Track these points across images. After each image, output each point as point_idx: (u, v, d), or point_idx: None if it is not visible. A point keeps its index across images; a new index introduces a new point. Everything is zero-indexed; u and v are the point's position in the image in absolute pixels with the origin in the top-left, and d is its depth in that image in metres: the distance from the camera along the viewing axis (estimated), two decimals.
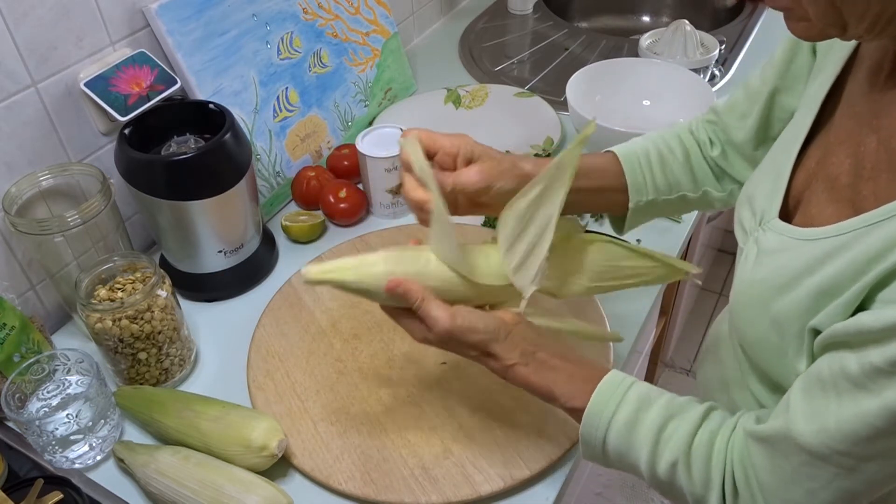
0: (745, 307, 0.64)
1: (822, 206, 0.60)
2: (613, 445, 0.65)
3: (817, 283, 0.55)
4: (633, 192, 0.80)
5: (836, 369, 0.52)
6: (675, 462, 0.61)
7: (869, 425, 0.49)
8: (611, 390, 0.65)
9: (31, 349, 0.84)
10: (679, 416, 0.63)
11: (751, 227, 0.67)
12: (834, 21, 0.52)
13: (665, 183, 0.82)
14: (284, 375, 0.87)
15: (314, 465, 0.78)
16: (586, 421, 0.66)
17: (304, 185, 1.11)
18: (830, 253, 0.55)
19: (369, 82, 1.26)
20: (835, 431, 0.51)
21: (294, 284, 0.99)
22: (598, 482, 1.74)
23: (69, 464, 0.79)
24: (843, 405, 0.51)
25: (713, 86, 1.35)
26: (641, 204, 0.81)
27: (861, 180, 0.57)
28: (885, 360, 0.48)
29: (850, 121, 0.61)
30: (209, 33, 1.00)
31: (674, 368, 2.10)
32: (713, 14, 1.70)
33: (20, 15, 0.82)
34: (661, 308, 1.58)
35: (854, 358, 0.50)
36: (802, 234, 0.59)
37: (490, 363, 0.69)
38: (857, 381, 0.50)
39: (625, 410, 0.64)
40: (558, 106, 1.28)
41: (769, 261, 0.62)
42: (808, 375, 0.55)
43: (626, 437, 0.64)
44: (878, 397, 0.49)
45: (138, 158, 0.87)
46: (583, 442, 0.67)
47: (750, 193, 0.69)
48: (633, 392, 0.65)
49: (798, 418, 0.54)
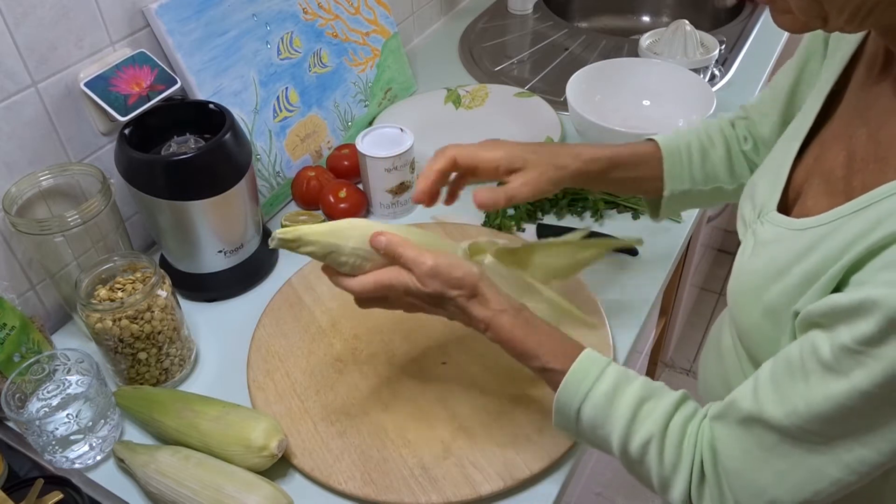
0: (741, 296, 0.65)
1: (817, 199, 0.61)
2: (588, 416, 0.65)
3: (804, 270, 0.56)
4: (669, 180, 0.82)
5: (807, 351, 0.52)
6: (649, 441, 0.61)
7: (839, 406, 0.50)
8: (591, 362, 0.66)
9: (31, 349, 0.84)
10: (656, 398, 0.63)
11: (750, 220, 0.68)
12: (816, 13, 0.53)
13: (703, 174, 0.84)
14: (284, 375, 0.87)
15: (314, 465, 0.78)
16: (565, 387, 0.65)
17: (304, 185, 1.11)
18: (816, 241, 0.56)
19: (369, 82, 1.26)
20: (805, 412, 0.52)
21: (294, 284, 0.99)
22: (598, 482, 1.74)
23: (69, 464, 0.79)
24: (812, 387, 0.51)
25: (713, 86, 1.35)
26: (676, 193, 0.83)
27: (853, 172, 0.58)
28: (853, 338, 0.48)
29: (847, 114, 0.62)
30: (209, 33, 1.00)
31: (674, 368, 2.10)
32: (713, 14, 1.70)
33: (20, 15, 0.82)
34: (661, 308, 1.58)
35: (825, 338, 0.51)
36: (795, 225, 0.60)
37: (475, 308, 0.68)
38: (827, 363, 0.50)
39: (605, 383, 0.64)
40: (558, 106, 1.28)
41: (764, 251, 0.63)
42: (777, 359, 0.56)
43: (602, 410, 0.64)
44: (847, 379, 0.49)
45: (138, 158, 0.87)
46: (556, 409, 0.67)
47: (752, 188, 0.71)
48: (612, 368, 0.65)
49: (767, 401, 0.54)
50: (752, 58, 1.45)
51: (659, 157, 0.82)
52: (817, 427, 0.51)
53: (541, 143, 0.81)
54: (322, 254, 0.69)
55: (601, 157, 0.80)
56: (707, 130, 0.86)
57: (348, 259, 0.70)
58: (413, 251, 0.68)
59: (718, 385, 0.75)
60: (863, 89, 0.61)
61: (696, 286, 2.08)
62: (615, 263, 1.01)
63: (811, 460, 0.53)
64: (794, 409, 0.52)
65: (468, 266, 0.68)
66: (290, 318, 0.94)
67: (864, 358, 0.48)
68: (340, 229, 0.70)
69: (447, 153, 0.75)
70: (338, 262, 0.70)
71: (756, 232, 0.65)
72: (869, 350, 0.48)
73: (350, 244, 0.69)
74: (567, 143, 0.85)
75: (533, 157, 0.75)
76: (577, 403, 0.65)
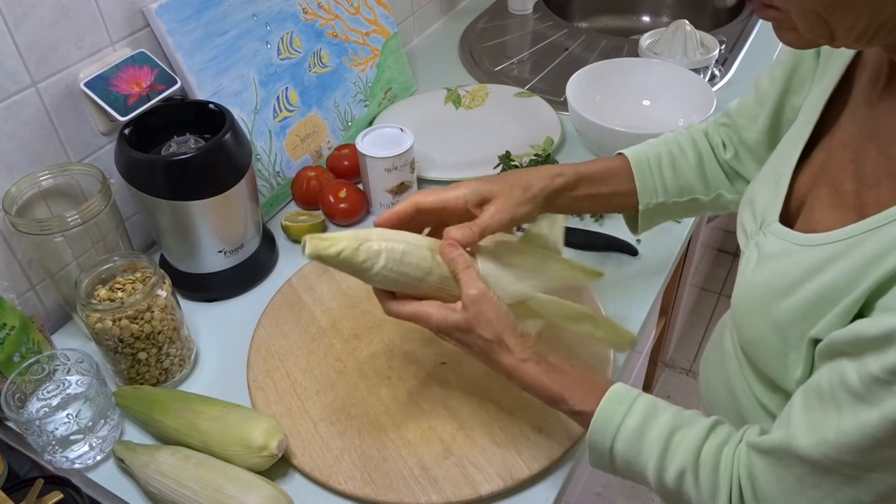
0: (746, 310, 0.64)
1: (826, 212, 0.60)
2: (621, 452, 0.65)
3: (816, 289, 0.55)
4: (643, 194, 0.81)
5: (836, 380, 0.52)
6: (684, 471, 0.61)
7: (870, 436, 0.49)
8: (619, 398, 0.66)
9: (31, 349, 0.84)
10: (686, 427, 0.63)
11: (752, 231, 0.67)
12: (822, 32, 0.52)
13: (676, 186, 0.82)
14: (284, 375, 0.87)
15: (314, 465, 0.78)
16: (595, 426, 0.66)
17: (304, 185, 1.11)
18: (830, 259, 0.55)
19: (369, 82, 1.26)
20: (835, 443, 0.51)
21: (294, 284, 0.99)
22: (598, 482, 1.74)
23: (69, 464, 0.79)
24: (843, 417, 0.51)
25: (713, 86, 1.35)
26: (651, 206, 0.82)
27: (864, 187, 0.57)
28: (882, 368, 0.48)
29: (853, 125, 0.61)
30: (209, 33, 1.00)
31: (674, 368, 2.10)
32: (713, 14, 1.70)
33: (20, 15, 0.82)
34: (661, 308, 1.58)
35: (853, 367, 0.50)
36: (803, 240, 0.59)
37: (502, 355, 0.69)
38: (856, 393, 0.50)
39: (633, 418, 0.64)
40: (558, 106, 1.28)
41: (770, 265, 0.62)
42: (808, 387, 0.55)
43: (634, 444, 0.64)
44: (877, 408, 0.48)
45: (138, 158, 0.87)
46: (590, 448, 0.67)
47: (752, 197, 0.70)
48: (641, 401, 0.65)
49: (798, 431, 0.54)
50: (752, 58, 1.45)
51: (628, 170, 0.81)
52: (849, 458, 0.51)
53: (504, 172, 0.81)
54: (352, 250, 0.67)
55: (565, 172, 0.78)
56: (677, 140, 0.84)
57: (380, 246, 0.68)
58: (471, 274, 0.69)
59: (720, 388, 0.75)
60: (868, 102, 0.60)
61: (696, 286, 2.08)
62: (615, 263, 1.01)
63: (845, 490, 0.52)
64: (825, 440, 0.52)
65: (505, 313, 0.69)
66: (290, 318, 0.94)
67: (894, 387, 0.47)
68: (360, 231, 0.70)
69: (411, 199, 0.75)
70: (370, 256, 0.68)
71: (759, 244, 0.64)
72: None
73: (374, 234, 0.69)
74: (532, 167, 0.85)
75: (497, 185, 0.75)
76: (608, 442, 0.65)
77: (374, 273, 0.68)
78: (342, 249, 0.67)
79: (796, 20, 0.53)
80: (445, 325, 0.69)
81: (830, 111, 0.65)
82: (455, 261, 0.69)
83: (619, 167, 0.82)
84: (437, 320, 0.69)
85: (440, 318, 0.69)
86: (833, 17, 0.50)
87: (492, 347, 0.69)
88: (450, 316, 0.69)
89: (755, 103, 0.79)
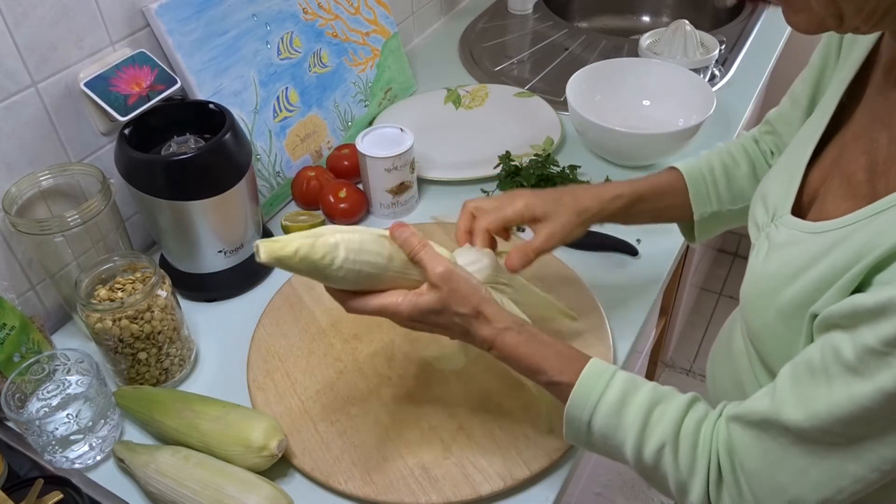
0: (754, 299, 0.64)
1: (837, 202, 0.60)
2: (599, 426, 0.64)
3: (820, 272, 0.55)
4: (697, 204, 0.83)
5: (829, 352, 0.52)
6: (663, 446, 0.61)
7: (863, 408, 0.49)
8: (598, 373, 0.66)
9: (31, 349, 0.84)
10: (665, 402, 0.63)
11: (763, 223, 0.67)
12: (832, 11, 0.53)
13: (729, 194, 0.84)
14: (284, 375, 0.87)
15: (314, 465, 0.78)
16: (573, 400, 0.65)
17: (304, 185, 1.11)
18: (835, 243, 0.55)
19: (369, 82, 1.26)
20: (826, 415, 0.51)
21: (294, 284, 0.99)
22: (598, 482, 1.74)
23: (69, 464, 0.79)
24: (835, 390, 0.51)
25: (713, 86, 1.35)
26: (706, 216, 0.84)
27: (876, 176, 0.57)
28: (878, 339, 0.48)
29: (866, 118, 0.62)
30: (209, 33, 1.00)
31: (674, 368, 2.10)
32: (713, 14, 1.70)
33: (20, 15, 0.82)
34: (661, 308, 1.58)
35: (848, 339, 0.50)
36: (812, 228, 0.59)
37: (479, 327, 0.68)
38: (850, 365, 0.50)
39: (613, 392, 0.64)
40: (558, 106, 1.28)
41: (778, 254, 0.62)
42: (798, 361, 0.55)
43: (613, 419, 0.63)
44: (871, 380, 0.48)
45: (138, 158, 0.87)
46: (567, 421, 0.67)
47: (764, 191, 0.70)
48: (620, 376, 0.65)
49: (786, 403, 0.54)
50: (752, 58, 1.45)
51: (682, 185, 0.83)
52: (839, 429, 0.51)
53: (559, 189, 0.82)
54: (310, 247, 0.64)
55: (623, 193, 0.81)
56: (729, 150, 0.86)
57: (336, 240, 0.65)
58: (432, 252, 0.67)
59: (730, 388, 0.75)
60: (881, 93, 0.61)
61: (696, 286, 2.08)
62: (615, 263, 1.01)
63: (832, 458, 0.52)
64: (815, 412, 0.52)
65: (476, 284, 0.68)
66: (290, 318, 0.94)
67: (889, 359, 0.47)
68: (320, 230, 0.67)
69: (467, 209, 0.79)
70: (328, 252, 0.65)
71: (770, 235, 0.65)
72: (894, 351, 0.47)
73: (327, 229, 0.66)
74: (586, 185, 0.86)
75: (553, 206, 0.78)
76: (587, 415, 0.65)
77: (336, 268, 0.64)
78: (298, 248, 0.63)
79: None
80: (417, 310, 0.67)
81: (845, 107, 0.65)
82: (409, 241, 0.67)
83: (674, 183, 0.84)
84: (406, 307, 0.67)
85: (409, 304, 0.67)
86: None
87: (469, 322, 0.67)
88: (419, 300, 0.67)
89: (791, 108, 0.80)
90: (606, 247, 1.02)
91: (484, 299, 0.68)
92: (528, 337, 0.68)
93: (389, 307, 0.68)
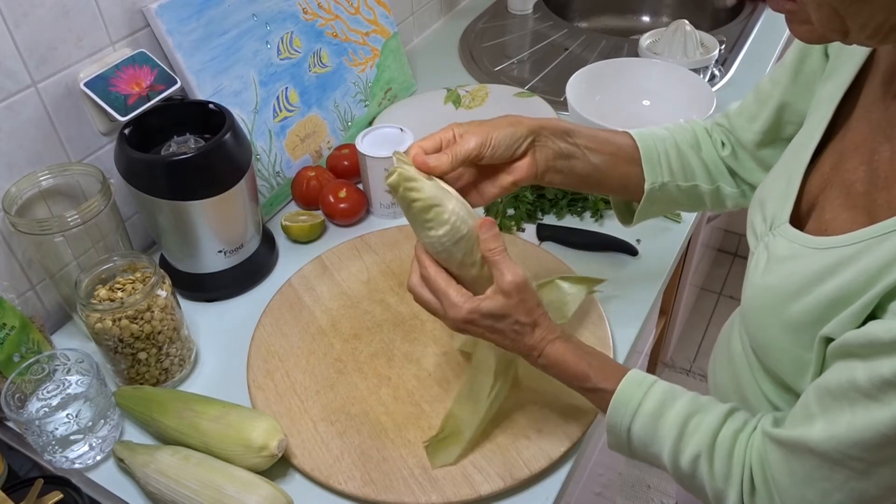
0: (757, 312, 0.64)
1: (836, 213, 0.60)
2: (638, 434, 0.66)
3: (829, 292, 0.55)
4: (649, 171, 0.78)
5: (845, 380, 0.52)
6: (699, 455, 0.62)
7: (880, 434, 0.50)
8: (637, 381, 0.67)
9: (31, 349, 0.84)
10: (703, 412, 0.64)
11: (761, 232, 0.67)
12: (836, 27, 0.52)
13: (680, 167, 0.80)
14: (284, 375, 0.87)
15: (314, 465, 0.78)
16: (613, 407, 0.67)
17: (304, 185, 1.11)
18: (842, 262, 0.55)
19: (369, 82, 1.26)
20: (846, 438, 0.52)
21: (294, 284, 0.99)
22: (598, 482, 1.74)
23: (69, 464, 0.79)
24: (856, 414, 0.51)
25: (713, 86, 1.35)
26: (657, 187, 0.78)
27: (876, 189, 0.57)
28: (893, 372, 0.48)
29: (866, 127, 0.61)
30: (209, 33, 1.00)
31: (674, 368, 2.10)
32: (713, 14, 1.70)
33: (20, 15, 0.82)
34: (661, 308, 1.58)
35: (863, 368, 0.51)
36: (814, 243, 0.59)
37: (532, 335, 0.69)
38: (867, 392, 0.50)
39: (651, 401, 0.65)
40: (558, 106, 1.28)
41: (780, 267, 0.62)
42: (819, 385, 0.56)
43: (651, 427, 0.65)
44: (889, 407, 0.49)
45: (138, 158, 0.87)
46: (609, 429, 0.69)
47: (762, 197, 0.70)
48: (659, 385, 0.67)
49: (812, 427, 0.55)
50: (752, 58, 1.45)
51: (633, 144, 0.79)
52: (858, 453, 0.52)
53: None
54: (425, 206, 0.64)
55: (563, 124, 0.75)
56: (680, 127, 0.84)
57: (449, 218, 0.65)
58: (509, 258, 0.66)
59: (730, 389, 0.75)
60: (882, 103, 0.60)
61: (696, 286, 2.08)
62: (615, 263, 1.01)
63: (853, 483, 0.53)
64: (836, 435, 0.52)
65: (539, 297, 0.69)
66: (290, 318, 0.94)
67: None
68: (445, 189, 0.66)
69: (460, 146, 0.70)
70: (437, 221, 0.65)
71: (769, 246, 0.64)
72: None
73: (451, 204, 0.65)
74: None
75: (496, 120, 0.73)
76: (626, 423, 0.66)
77: (426, 235, 0.65)
78: (419, 200, 0.64)
79: (811, 13, 0.52)
80: (479, 313, 0.66)
81: (841, 112, 0.65)
82: (495, 239, 0.66)
83: (624, 139, 0.79)
84: (467, 308, 0.66)
85: (472, 307, 0.66)
86: (848, 12, 0.50)
87: (525, 330, 0.68)
88: (482, 304, 0.66)
89: (754, 104, 0.79)
90: (606, 247, 1.03)
91: (543, 313, 0.69)
92: (575, 345, 0.71)
93: (451, 297, 0.67)
